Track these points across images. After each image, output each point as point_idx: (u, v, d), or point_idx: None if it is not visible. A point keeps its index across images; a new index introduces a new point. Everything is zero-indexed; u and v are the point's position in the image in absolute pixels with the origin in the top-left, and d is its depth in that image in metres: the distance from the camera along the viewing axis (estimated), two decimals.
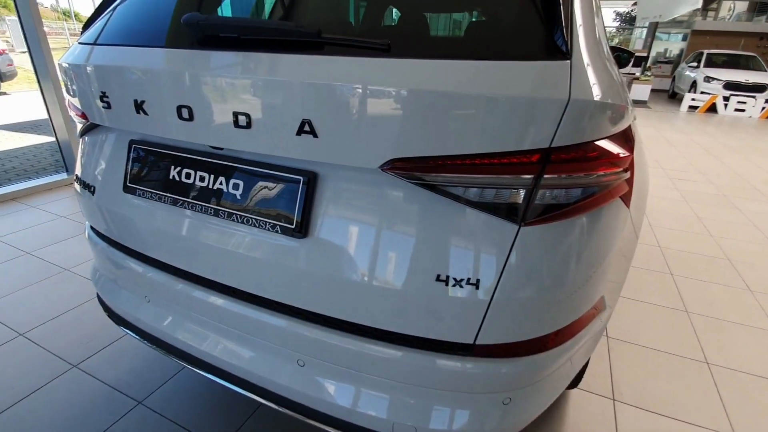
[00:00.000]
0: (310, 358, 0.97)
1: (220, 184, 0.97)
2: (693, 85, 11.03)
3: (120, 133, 1.15)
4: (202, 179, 0.99)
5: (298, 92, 0.80)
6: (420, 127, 0.75)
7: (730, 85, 10.30)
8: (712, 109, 10.37)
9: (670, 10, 12.11)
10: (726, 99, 10.23)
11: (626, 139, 0.89)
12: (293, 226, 0.89)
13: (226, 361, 1.06)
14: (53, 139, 3.81)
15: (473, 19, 0.82)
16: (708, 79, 10.60)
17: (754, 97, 10.05)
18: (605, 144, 0.81)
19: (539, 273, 0.81)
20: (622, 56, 2.44)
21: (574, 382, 1.50)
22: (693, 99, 10.56)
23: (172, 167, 1.03)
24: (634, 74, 10.70)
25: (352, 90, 0.76)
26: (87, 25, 1.24)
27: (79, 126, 1.26)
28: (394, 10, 0.90)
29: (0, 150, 5.15)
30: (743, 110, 10.14)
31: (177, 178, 1.02)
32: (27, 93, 9.71)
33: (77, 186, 1.29)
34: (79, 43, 1.17)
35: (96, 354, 1.80)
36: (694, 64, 11.68)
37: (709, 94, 10.41)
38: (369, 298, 0.86)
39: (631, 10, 18.65)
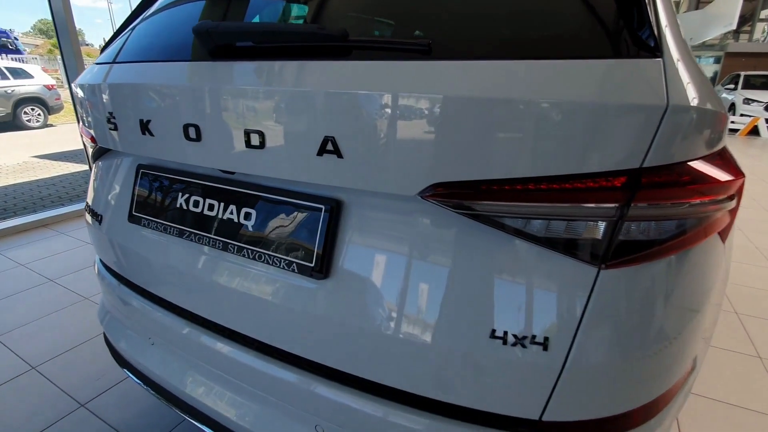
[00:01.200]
0: (330, 425, 0.80)
1: (231, 213, 0.84)
2: (731, 108, 10.57)
3: (130, 157, 1.05)
4: (210, 208, 0.86)
5: (319, 104, 0.66)
6: (470, 144, 0.60)
7: None
8: (754, 131, 9.86)
9: (700, 34, 11.77)
10: None
11: (727, 157, 0.71)
12: (312, 265, 0.74)
13: (232, 420, 0.90)
14: (87, 167, 3.88)
15: (537, 10, 0.67)
16: (747, 101, 10.17)
17: None
18: (706, 164, 0.63)
19: (625, 330, 0.63)
20: None
21: None
22: (732, 122, 10.08)
23: (180, 194, 0.91)
24: None
25: (385, 100, 0.62)
26: (106, 45, 1.18)
27: (91, 150, 1.18)
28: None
29: (39, 178, 5.35)
30: None
31: (184, 207, 0.90)
32: (72, 125, 10.25)
33: (87, 215, 1.20)
34: (96, 63, 1.09)
35: (105, 392, 1.71)
36: (731, 86, 11.26)
37: (749, 116, 9.93)
38: (404, 357, 0.70)
39: None
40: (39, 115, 10.05)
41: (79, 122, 1.17)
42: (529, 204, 0.61)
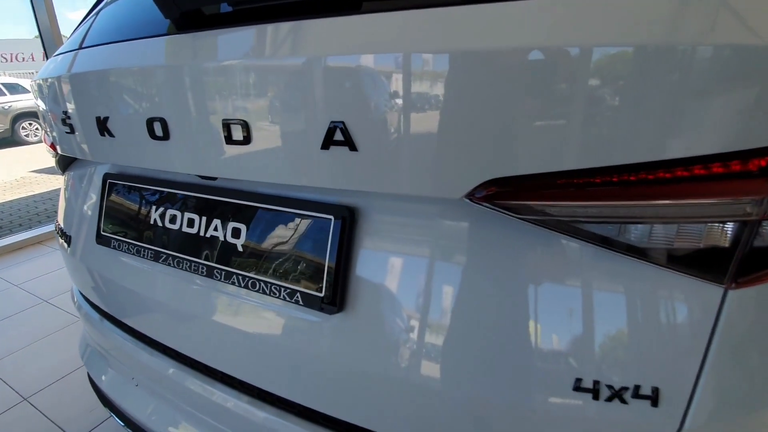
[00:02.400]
0: None
1: (215, 230, 0.66)
2: None
3: (98, 166, 0.88)
4: (190, 224, 0.69)
5: (320, 79, 0.48)
6: (539, 121, 0.42)
7: None
8: None
9: None
10: None
11: None
12: (322, 295, 0.56)
13: None
14: None
15: None
16: None
17: None
18: None
19: (766, 371, 0.45)
20: None
21: None
22: None
23: (153, 209, 0.74)
24: None
25: (408, 64, 0.44)
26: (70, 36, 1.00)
27: (54, 161, 1.01)
28: None
29: (36, 193, 5.25)
30: None
31: (159, 224, 0.73)
32: None
33: (57, 236, 1.03)
34: (56, 54, 0.92)
35: (97, 427, 1.61)
36: None
37: None
38: (450, 416, 0.52)
39: None
40: (37, 129, 9.97)
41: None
42: (624, 203, 0.43)
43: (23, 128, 9.74)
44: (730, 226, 0.43)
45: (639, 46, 0.38)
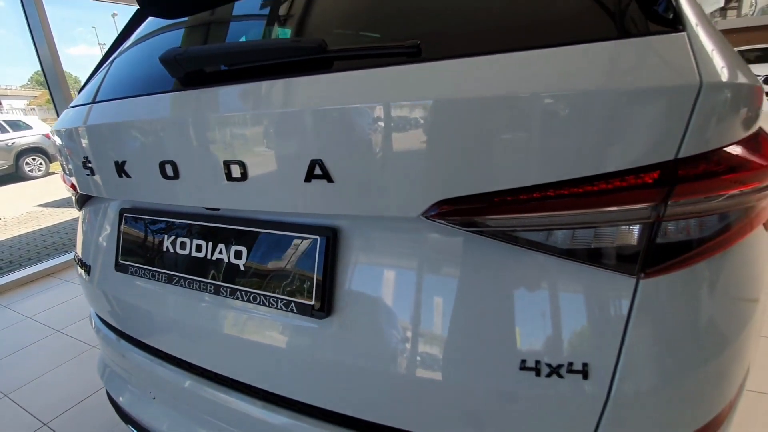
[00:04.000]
0: None
1: (220, 253, 0.76)
2: None
3: (113, 202, 0.99)
4: (198, 249, 0.79)
5: (301, 125, 0.59)
6: (476, 152, 0.53)
7: None
8: None
9: None
10: None
11: (765, 139, 0.63)
12: (312, 303, 0.66)
13: None
14: None
15: None
16: None
17: None
18: (746, 148, 0.55)
19: (675, 344, 0.54)
20: None
21: None
22: None
23: (165, 237, 0.84)
24: None
25: (374, 112, 0.55)
26: (83, 87, 1.13)
27: (74, 199, 1.12)
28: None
29: (43, 227, 5.35)
30: None
31: (171, 250, 0.83)
32: None
33: (77, 267, 1.13)
34: (71, 106, 1.04)
35: None
36: None
37: None
38: (424, 398, 0.61)
39: None
40: (41, 164, 10.17)
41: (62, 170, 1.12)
42: (549, 213, 0.53)
43: (27, 164, 9.94)
44: (635, 228, 0.53)
45: (537, 94, 0.50)
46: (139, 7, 0.82)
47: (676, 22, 0.51)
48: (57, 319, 2.66)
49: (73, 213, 6.00)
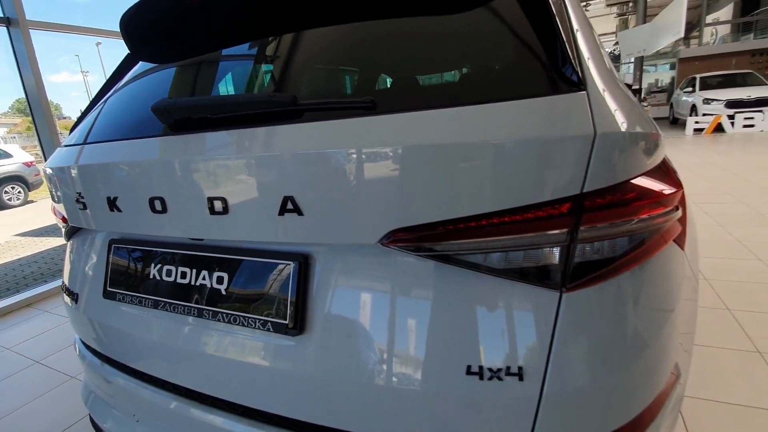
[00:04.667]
0: None
1: (203, 279, 0.84)
2: (693, 109, 11.00)
3: (102, 233, 1.06)
4: (183, 276, 0.87)
5: (276, 166, 0.70)
6: (421, 189, 0.63)
7: (732, 104, 10.21)
8: (719, 129, 10.23)
9: (652, 45, 12.44)
10: (731, 117, 10.10)
11: (667, 172, 0.75)
12: (286, 322, 0.75)
13: None
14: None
15: (466, 63, 0.73)
16: (707, 101, 10.58)
17: (761, 111, 9.90)
18: (645, 181, 0.67)
19: (596, 348, 0.64)
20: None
21: None
22: (696, 122, 10.48)
23: (152, 265, 0.92)
24: None
25: (335, 157, 0.66)
26: (73, 127, 1.21)
27: (63, 230, 1.18)
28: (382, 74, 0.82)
29: (22, 256, 5.26)
30: (752, 125, 9.95)
31: (157, 277, 0.91)
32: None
33: (64, 295, 1.19)
34: (63, 146, 1.12)
35: None
36: (689, 89, 11.76)
37: (712, 115, 10.33)
38: (386, 404, 0.69)
39: (614, 49, 19.41)
40: (19, 192, 10.02)
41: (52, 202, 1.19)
42: (484, 239, 0.64)
43: (5, 192, 9.77)
44: (556, 250, 0.64)
45: (469, 143, 0.61)
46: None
47: (579, 84, 0.64)
48: (36, 350, 2.62)
49: (52, 242, 5.92)
